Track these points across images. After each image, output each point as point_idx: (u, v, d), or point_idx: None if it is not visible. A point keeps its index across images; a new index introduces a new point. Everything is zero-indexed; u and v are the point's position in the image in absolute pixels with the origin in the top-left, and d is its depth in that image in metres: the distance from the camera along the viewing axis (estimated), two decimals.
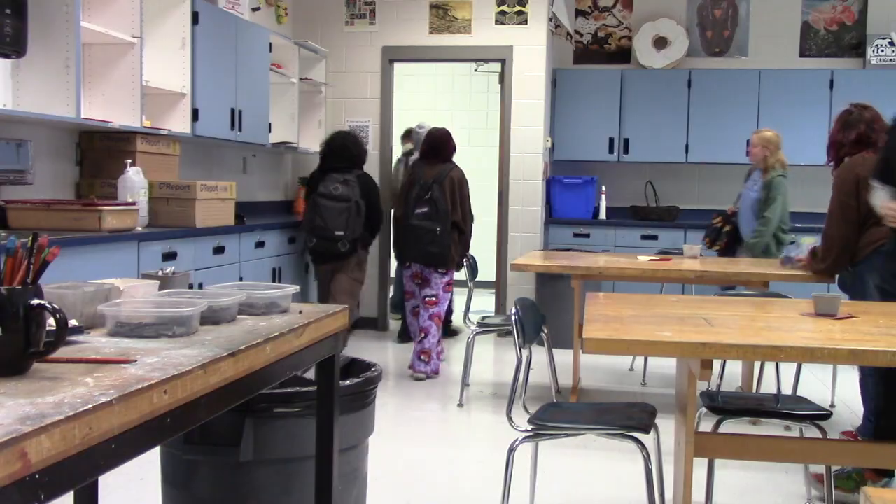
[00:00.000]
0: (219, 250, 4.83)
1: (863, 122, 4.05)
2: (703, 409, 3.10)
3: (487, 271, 6.97)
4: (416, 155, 6.56)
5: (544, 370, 4.70)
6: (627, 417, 2.88)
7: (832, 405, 4.92)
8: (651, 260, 5.04)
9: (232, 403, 1.58)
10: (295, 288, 2.09)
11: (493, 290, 7.46)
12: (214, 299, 1.82)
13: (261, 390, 1.74)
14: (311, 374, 2.42)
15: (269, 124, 6.23)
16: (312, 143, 7.16)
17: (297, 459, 2.28)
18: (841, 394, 5.04)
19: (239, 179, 6.37)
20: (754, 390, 4.51)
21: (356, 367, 2.65)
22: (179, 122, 5.11)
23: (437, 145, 5.69)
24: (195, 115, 5.16)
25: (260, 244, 5.35)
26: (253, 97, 5.92)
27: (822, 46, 7.72)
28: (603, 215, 7.81)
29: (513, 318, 2.94)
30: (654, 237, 7.40)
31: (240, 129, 5.73)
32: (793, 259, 4.53)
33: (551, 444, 4.00)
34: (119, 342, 1.59)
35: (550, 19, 7.16)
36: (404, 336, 6.75)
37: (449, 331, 6.97)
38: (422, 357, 5.59)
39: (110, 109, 4.56)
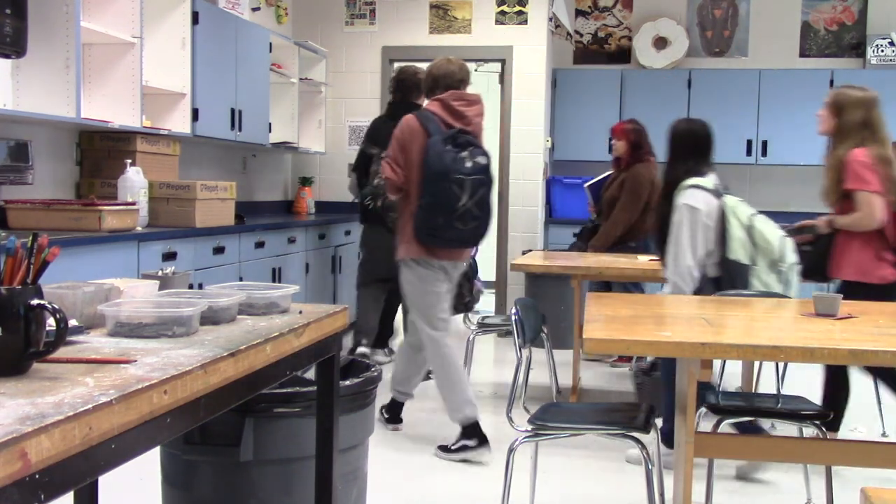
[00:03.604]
0: (219, 250, 4.83)
1: None
2: (703, 409, 3.10)
3: (487, 271, 6.97)
4: None
5: (544, 370, 4.70)
6: (627, 417, 2.88)
7: None
8: (651, 260, 5.03)
9: (232, 403, 1.58)
10: (295, 288, 2.09)
11: (493, 290, 7.45)
12: (214, 299, 1.82)
13: (261, 390, 1.74)
14: (311, 374, 2.42)
15: (269, 124, 6.23)
16: (312, 143, 7.16)
17: (297, 459, 2.28)
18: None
19: (239, 179, 6.36)
20: (754, 390, 4.51)
21: (356, 367, 2.65)
22: (179, 122, 5.11)
23: None
24: (195, 115, 5.16)
25: (260, 244, 5.35)
26: (253, 97, 5.92)
27: (822, 46, 7.72)
28: None
29: (513, 318, 2.94)
30: None
31: (240, 129, 5.73)
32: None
33: (551, 444, 4.00)
34: (119, 342, 1.59)
35: (550, 19, 7.16)
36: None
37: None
38: None
39: (110, 109, 4.56)
